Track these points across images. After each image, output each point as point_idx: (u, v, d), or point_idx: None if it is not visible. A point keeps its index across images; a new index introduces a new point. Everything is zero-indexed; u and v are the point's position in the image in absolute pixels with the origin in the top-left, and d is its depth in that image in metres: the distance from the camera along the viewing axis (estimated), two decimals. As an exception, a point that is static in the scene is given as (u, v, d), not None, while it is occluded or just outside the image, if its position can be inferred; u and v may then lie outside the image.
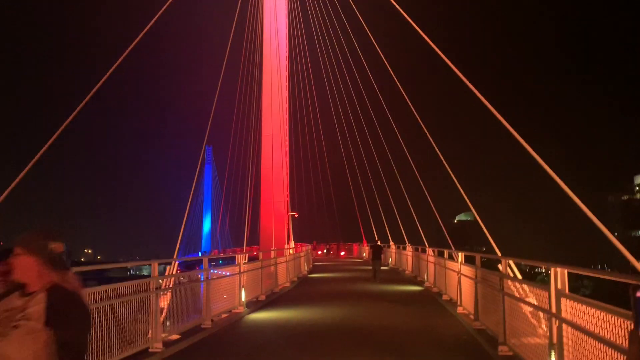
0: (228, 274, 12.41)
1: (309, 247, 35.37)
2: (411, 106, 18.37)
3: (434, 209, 20.70)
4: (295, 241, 35.85)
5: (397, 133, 24.12)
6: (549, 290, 5.30)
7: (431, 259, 17.99)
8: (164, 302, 9.56)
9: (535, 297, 5.95)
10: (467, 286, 11.14)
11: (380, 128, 29.58)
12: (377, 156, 31.68)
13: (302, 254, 25.78)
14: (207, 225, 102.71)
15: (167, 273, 11.42)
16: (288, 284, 18.72)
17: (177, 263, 12.01)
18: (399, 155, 26.94)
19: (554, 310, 5.20)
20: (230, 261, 15.19)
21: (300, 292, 17.39)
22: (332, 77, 35.75)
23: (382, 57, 20.10)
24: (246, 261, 16.16)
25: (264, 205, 32.30)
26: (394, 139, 25.16)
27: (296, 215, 42.10)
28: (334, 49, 33.74)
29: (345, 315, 11.91)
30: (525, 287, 6.44)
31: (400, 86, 19.18)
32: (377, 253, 21.41)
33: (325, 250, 52.71)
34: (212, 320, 10.28)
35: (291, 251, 25.60)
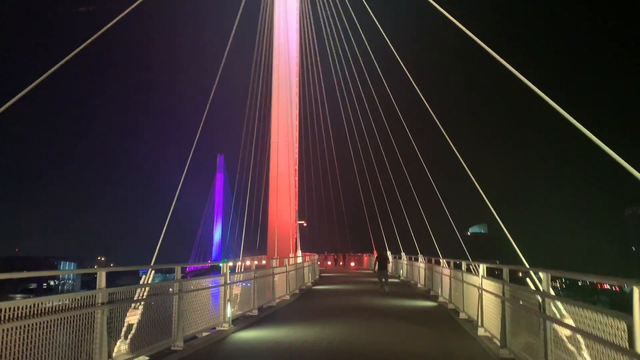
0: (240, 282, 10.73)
1: (315, 256, 33.68)
2: (430, 110, 16.74)
3: (450, 218, 19.10)
4: (306, 251, 34.32)
5: (412, 140, 22.49)
6: (631, 320, 3.61)
7: (446, 271, 16.22)
8: (134, 317, 8.04)
9: (602, 327, 4.24)
10: (491, 304, 9.39)
11: (393, 135, 28.13)
12: (390, 165, 30.33)
13: (306, 264, 24.07)
14: (218, 234, 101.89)
15: (141, 283, 9.92)
16: (287, 297, 17.05)
17: (153, 272, 10.44)
18: (413, 164, 25.54)
19: (639, 350, 3.51)
20: (247, 270, 13.70)
21: (300, 306, 15.69)
22: (343, 82, 34.54)
23: (395, 53, 18.53)
24: (241, 271, 14.64)
25: (272, 213, 31.00)
26: (408, 147, 23.61)
27: (305, 224, 40.63)
28: (345, 52, 32.48)
29: (347, 336, 10.21)
30: (583, 312, 4.70)
31: (414, 84, 17.61)
32: (383, 263, 21.51)
33: (334, 261, 51.16)
34: (185, 341, 8.67)
35: (297, 260, 23.98)
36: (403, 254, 31.26)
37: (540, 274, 6.17)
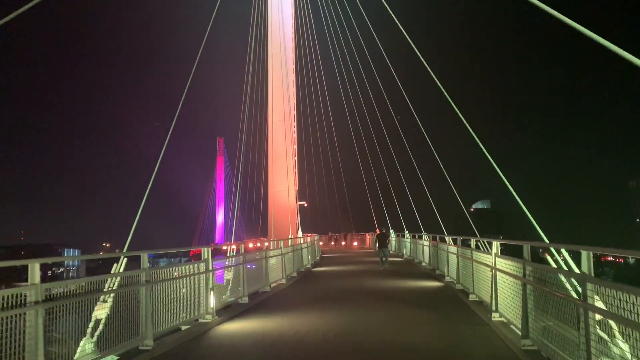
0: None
1: (316, 237, 32.62)
2: (434, 77, 15.39)
3: (456, 193, 18.00)
4: (308, 232, 33.30)
5: (414, 112, 21.16)
6: None
7: (452, 249, 15.09)
8: (102, 311, 6.95)
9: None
10: (507, 287, 8.22)
11: (393, 109, 26.88)
12: (391, 141, 29.29)
13: (304, 245, 22.97)
14: (220, 217, 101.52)
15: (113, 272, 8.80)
16: (283, 281, 15.95)
17: (125, 260, 9.31)
18: (414, 140, 24.50)
19: None
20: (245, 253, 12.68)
21: (296, 291, 14.59)
22: (340, 54, 33.18)
23: (389, 10, 17.12)
24: (233, 254, 13.56)
25: (271, 195, 29.98)
26: (410, 121, 22.37)
27: (306, 205, 39.53)
28: (340, 22, 30.97)
29: (345, 325, 9.09)
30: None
31: (415, 47, 16.24)
32: (383, 241, 21.63)
33: (334, 241, 50.27)
34: (159, 337, 7.56)
35: (297, 241, 22.92)
36: (406, 232, 30.22)
37: (581, 252, 4.92)
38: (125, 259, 9.28)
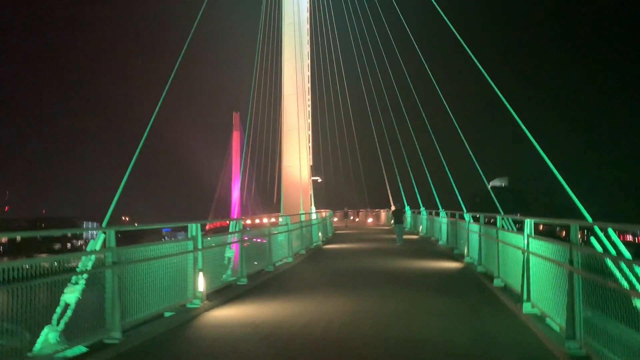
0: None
1: (329, 212, 31.51)
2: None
3: (479, 169, 16.62)
4: (322, 207, 32.31)
5: (434, 80, 19.52)
6: None
7: (474, 227, 13.76)
8: (72, 295, 5.93)
9: None
10: (544, 273, 6.90)
11: (411, 78, 25.26)
12: (408, 115, 27.88)
13: (315, 221, 21.84)
14: (236, 192, 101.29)
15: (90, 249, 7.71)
16: (290, 260, 14.83)
17: (103, 237, 8.18)
18: (433, 114, 23.15)
19: None
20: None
21: (302, 271, 13.47)
22: (356, 26, 31.60)
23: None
24: (237, 229, 12.41)
25: (285, 169, 28.94)
26: (428, 92, 20.87)
27: (320, 180, 38.43)
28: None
29: (351, 314, 7.92)
30: None
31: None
32: (398, 218, 21.48)
33: (351, 217, 49.21)
34: (131, 328, 6.45)
35: (311, 216, 21.85)
36: (422, 208, 28.93)
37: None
38: (103, 235, 8.18)
